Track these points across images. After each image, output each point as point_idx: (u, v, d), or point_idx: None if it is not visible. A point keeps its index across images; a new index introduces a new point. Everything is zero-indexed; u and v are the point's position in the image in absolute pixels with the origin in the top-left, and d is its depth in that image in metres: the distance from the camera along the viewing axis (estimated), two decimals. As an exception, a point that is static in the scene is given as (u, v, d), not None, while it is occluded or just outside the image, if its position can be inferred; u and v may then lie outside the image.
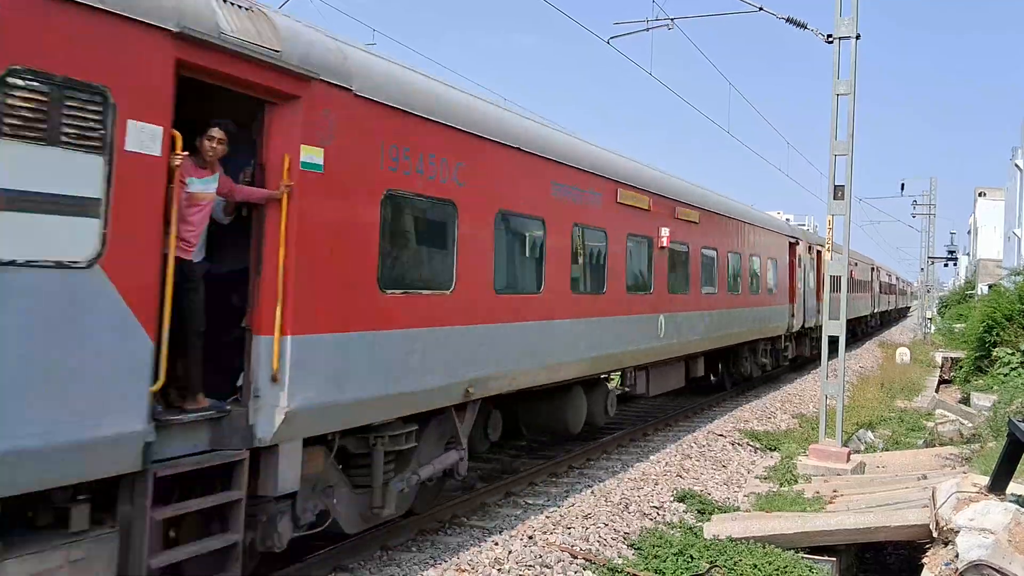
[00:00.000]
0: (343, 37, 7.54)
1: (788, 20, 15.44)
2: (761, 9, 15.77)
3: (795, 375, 26.05)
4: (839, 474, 12.40)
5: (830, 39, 13.78)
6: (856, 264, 36.14)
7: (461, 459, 9.16)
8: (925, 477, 11.21)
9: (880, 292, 52.09)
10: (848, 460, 12.88)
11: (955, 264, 67.81)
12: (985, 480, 8.85)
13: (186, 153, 5.77)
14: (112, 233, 5.11)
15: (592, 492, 10.86)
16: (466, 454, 9.25)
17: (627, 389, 15.05)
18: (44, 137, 4.79)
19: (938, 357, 32.81)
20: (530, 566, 7.90)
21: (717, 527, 9.43)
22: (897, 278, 75.14)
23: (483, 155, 9.07)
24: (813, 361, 27.01)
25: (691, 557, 8.50)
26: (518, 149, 9.78)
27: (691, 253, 15.71)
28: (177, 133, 5.60)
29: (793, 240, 24.45)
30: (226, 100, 6.27)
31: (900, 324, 69.90)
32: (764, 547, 8.92)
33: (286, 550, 6.78)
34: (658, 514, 10.10)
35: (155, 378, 5.38)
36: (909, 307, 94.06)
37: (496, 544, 8.53)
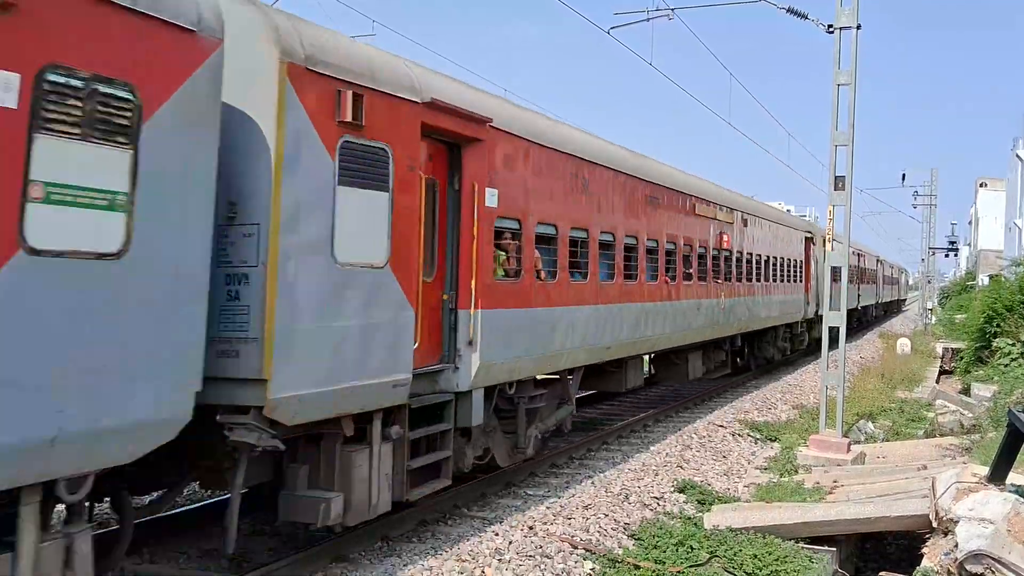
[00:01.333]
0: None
1: (789, 10, 15.39)
2: (762, -1, 15.71)
3: (794, 367, 26.07)
4: (839, 465, 12.42)
5: (831, 29, 13.74)
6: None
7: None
8: (925, 467, 11.23)
9: (862, 282, 40.84)
10: (848, 451, 12.90)
11: (956, 255, 67.65)
12: (985, 470, 8.86)
13: None
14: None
15: (592, 483, 10.88)
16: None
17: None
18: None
19: (939, 348, 32.82)
20: (530, 556, 7.92)
21: (717, 518, 9.45)
22: (887, 265, 60.12)
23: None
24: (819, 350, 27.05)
25: (691, 547, 8.52)
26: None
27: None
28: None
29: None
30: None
31: (884, 325, 50.77)
32: (764, 537, 8.94)
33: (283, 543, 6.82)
34: (658, 505, 10.12)
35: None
36: (904, 299, 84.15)
37: (496, 535, 8.55)
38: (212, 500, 9.62)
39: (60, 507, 5.28)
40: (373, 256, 7.32)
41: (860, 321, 41.94)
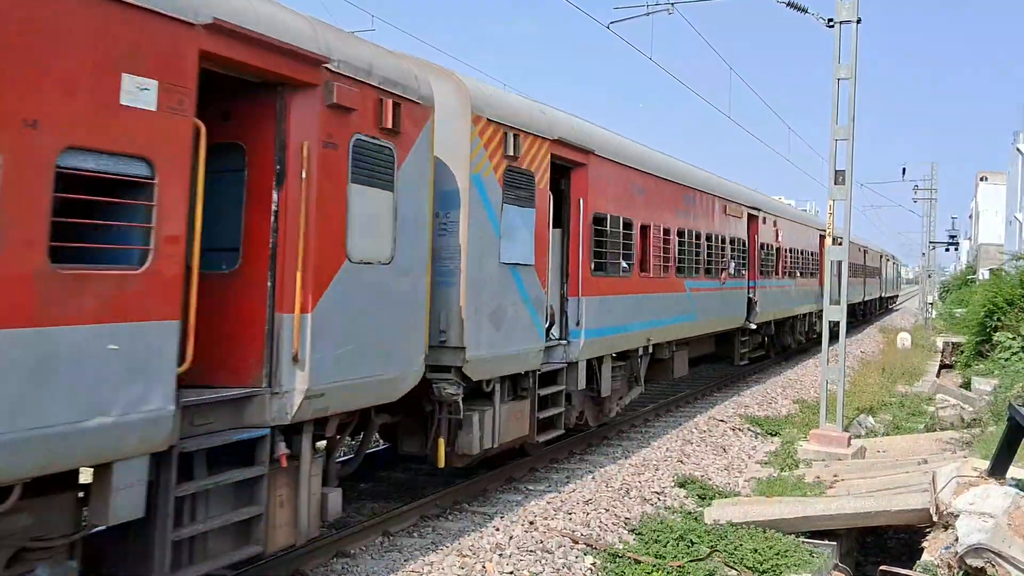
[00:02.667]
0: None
1: (789, 4, 15.36)
2: (762, -7, 15.67)
3: (795, 362, 26.07)
4: (840, 459, 12.43)
5: (831, 23, 13.72)
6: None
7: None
8: (925, 462, 11.24)
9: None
10: (849, 445, 12.91)
11: (956, 249, 67.67)
12: (985, 464, 8.87)
13: None
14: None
15: (593, 478, 10.89)
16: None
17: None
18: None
19: (939, 342, 32.81)
20: (531, 551, 7.93)
21: (718, 512, 9.46)
22: (870, 253, 47.08)
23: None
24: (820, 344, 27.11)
25: (692, 542, 8.53)
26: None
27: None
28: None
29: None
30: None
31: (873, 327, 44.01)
32: (765, 532, 8.95)
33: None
34: (659, 499, 10.13)
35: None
36: (895, 296, 70.90)
37: (497, 530, 8.56)
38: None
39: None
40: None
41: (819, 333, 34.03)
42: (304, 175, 6.36)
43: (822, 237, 28.04)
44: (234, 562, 6.15)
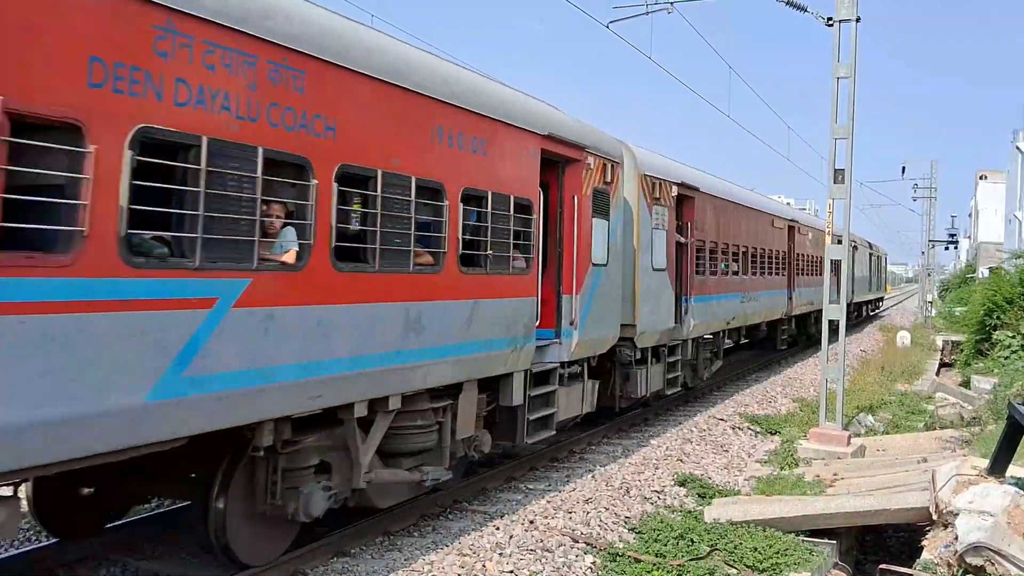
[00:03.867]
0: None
1: (788, 3, 15.35)
2: (761, -8, 15.67)
3: (795, 361, 26.08)
4: (839, 458, 12.44)
5: (830, 22, 13.71)
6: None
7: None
8: (925, 460, 11.24)
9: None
10: (848, 444, 12.91)
11: (956, 247, 67.60)
12: (985, 463, 8.88)
13: None
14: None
15: (593, 477, 10.90)
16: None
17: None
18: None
19: (939, 340, 32.81)
20: (531, 550, 7.94)
21: (718, 511, 9.46)
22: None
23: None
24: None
25: (692, 541, 8.53)
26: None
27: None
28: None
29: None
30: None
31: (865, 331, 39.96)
32: (765, 530, 8.96)
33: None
34: (659, 498, 10.13)
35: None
36: (879, 298, 56.25)
37: (497, 529, 8.56)
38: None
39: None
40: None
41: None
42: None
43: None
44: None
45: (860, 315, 45.97)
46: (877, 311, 55.69)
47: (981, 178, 72.68)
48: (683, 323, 15.30)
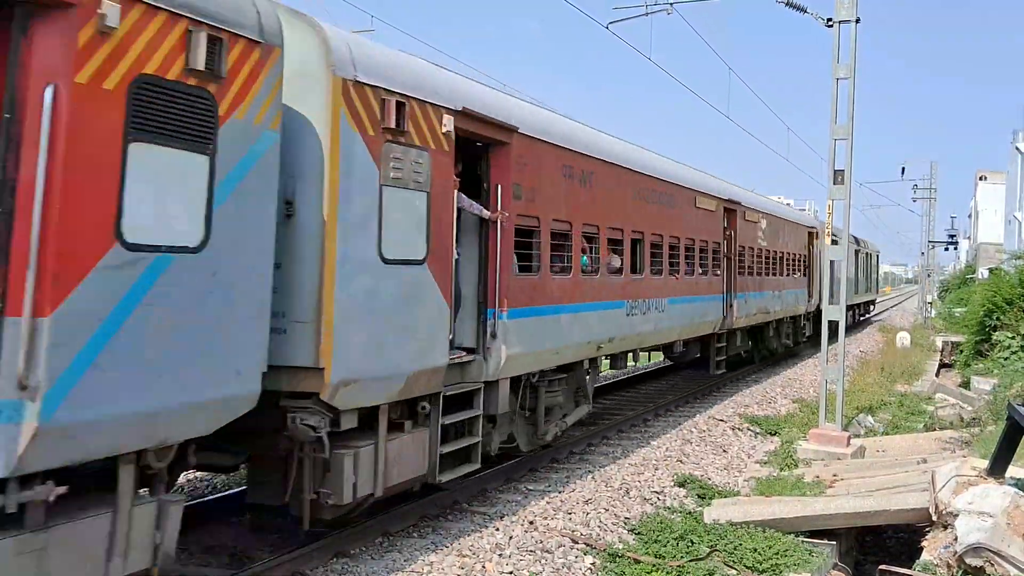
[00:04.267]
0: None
1: (788, 4, 15.37)
2: (761, -7, 15.68)
3: (794, 361, 26.09)
4: (839, 458, 12.44)
5: (830, 23, 13.73)
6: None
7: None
8: (925, 461, 11.24)
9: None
10: (848, 444, 12.92)
11: (956, 248, 67.61)
12: (984, 464, 8.88)
13: None
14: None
15: (593, 477, 10.90)
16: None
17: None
18: None
19: (938, 341, 32.82)
20: (531, 551, 7.93)
21: (717, 512, 9.47)
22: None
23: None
24: (817, 345, 27.09)
25: (692, 542, 8.54)
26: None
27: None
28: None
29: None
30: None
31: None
32: (764, 531, 8.96)
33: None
34: (659, 499, 10.13)
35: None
36: (870, 301, 47.86)
37: (497, 529, 8.56)
38: (213, 497, 9.64)
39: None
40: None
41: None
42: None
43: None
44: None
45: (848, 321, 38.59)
46: (868, 316, 48.59)
47: (981, 179, 72.72)
48: (488, 354, 9.24)
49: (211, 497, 9.60)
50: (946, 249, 63.90)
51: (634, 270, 13.26)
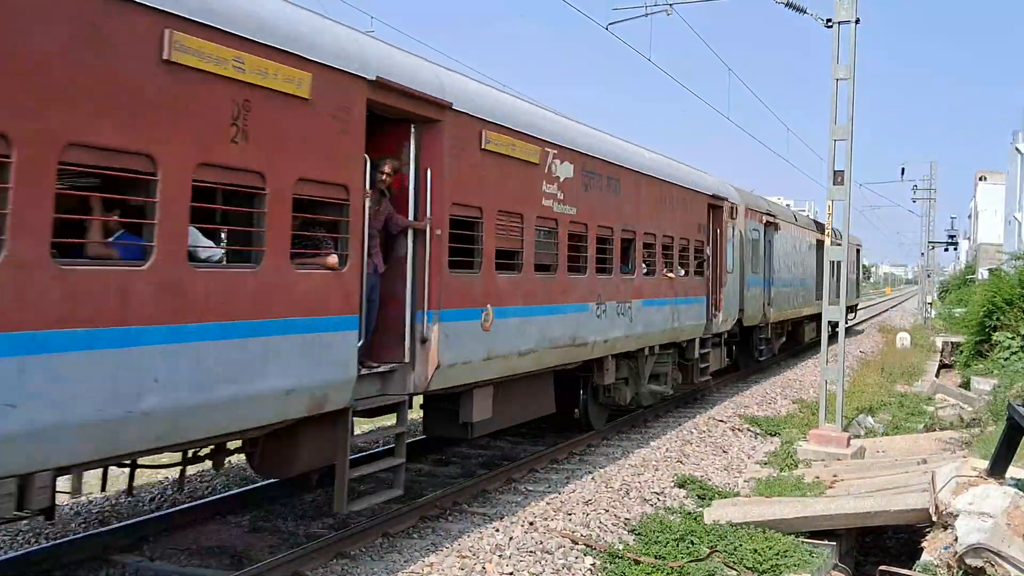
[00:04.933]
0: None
1: (787, 4, 15.37)
2: (760, -7, 15.69)
3: (794, 363, 26.09)
4: (839, 459, 12.44)
5: (829, 23, 13.73)
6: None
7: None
8: (925, 461, 11.24)
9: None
10: (848, 445, 12.92)
11: (955, 248, 67.63)
12: (984, 464, 8.88)
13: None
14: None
15: (592, 478, 10.89)
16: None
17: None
18: None
19: (938, 341, 32.83)
20: (531, 552, 7.93)
21: (717, 512, 9.46)
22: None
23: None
24: (814, 346, 27.09)
25: (692, 542, 8.54)
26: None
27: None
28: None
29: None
30: None
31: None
32: (764, 532, 8.95)
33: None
34: (659, 500, 10.13)
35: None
36: (854, 307, 40.41)
37: (497, 530, 8.56)
38: (212, 498, 9.63)
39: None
40: None
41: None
42: None
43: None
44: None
45: (800, 339, 27.83)
46: (848, 325, 30.77)
47: (981, 179, 72.76)
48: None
49: (211, 497, 9.61)
50: (946, 250, 63.92)
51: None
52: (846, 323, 15.08)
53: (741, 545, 8.58)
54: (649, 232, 13.56)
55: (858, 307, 45.81)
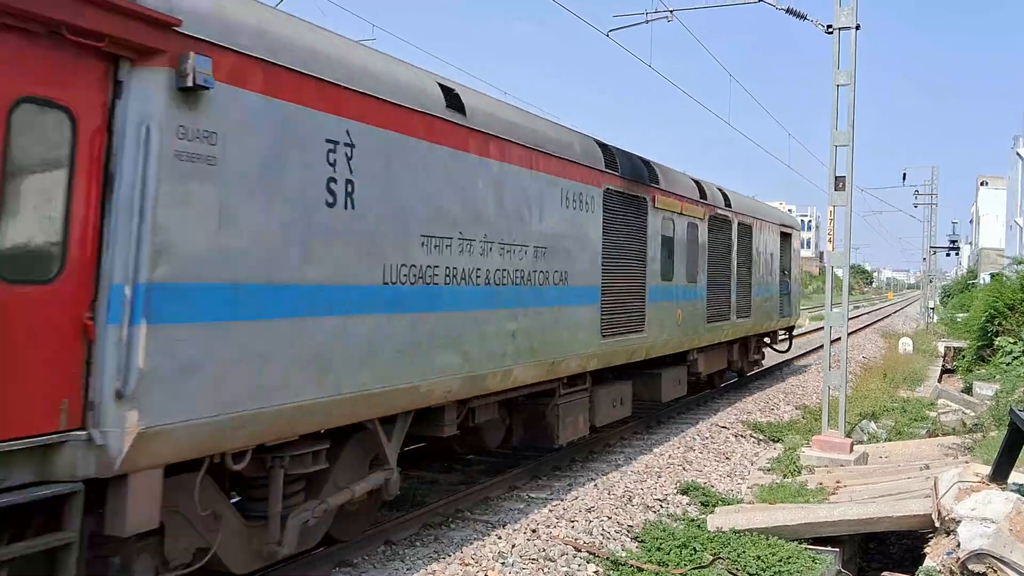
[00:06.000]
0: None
1: (788, 11, 15.43)
2: (760, 0, 15.74)
3: (797, 369, 26.07)
4: (842, 465, 12.43)
5: (830, 29, 13.76)
6: None
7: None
8: (927, 467, 11.24)
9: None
10: (851, 451, 12.90)
11: (957, 253, 67.64)
12: (987, 469, 8.87)
13: None
14: None
15: (595, 485, 10.89)
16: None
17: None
18: None
19: (940, 346, 32.80)
20: (534, 559, 7.93)
21: (720, 519, 9.46)
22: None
23: None
24: (814, 352, 27.06)
25: (695, 549, 8.53)
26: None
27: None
28: None
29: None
30: None
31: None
32: (768, 538, 8.94)
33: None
34: (661, 506, 10.13)
35: None
36: (789, 330, 23.54)
37: (500, 538, 8.56)
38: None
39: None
40: None
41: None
42: None
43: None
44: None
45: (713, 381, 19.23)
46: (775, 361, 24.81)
47: (982, 184, 72.70)
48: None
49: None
50: (948, 254, 63.96)
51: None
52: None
53: (744, 552, 8.57)
54: None
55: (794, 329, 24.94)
